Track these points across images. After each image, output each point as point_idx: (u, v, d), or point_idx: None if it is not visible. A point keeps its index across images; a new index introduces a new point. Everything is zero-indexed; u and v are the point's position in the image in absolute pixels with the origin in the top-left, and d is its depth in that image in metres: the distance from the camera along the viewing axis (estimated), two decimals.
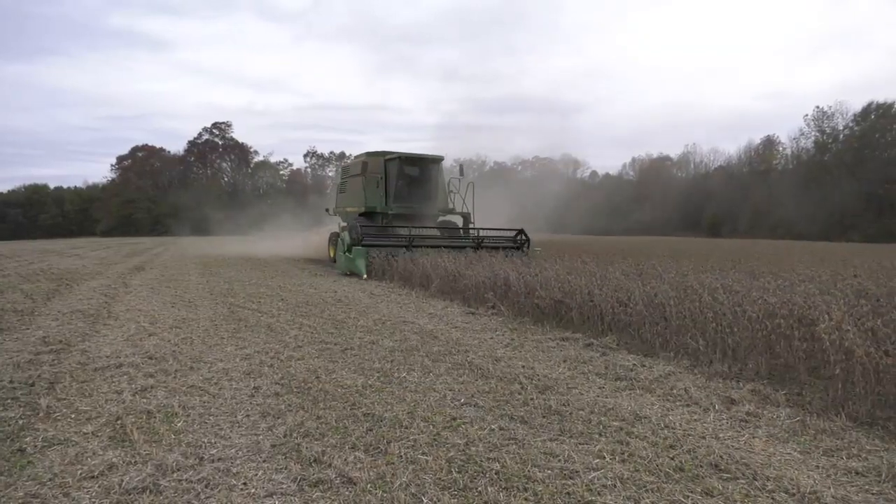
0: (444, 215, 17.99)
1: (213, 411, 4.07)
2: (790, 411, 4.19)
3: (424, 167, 17.76)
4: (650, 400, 4.48)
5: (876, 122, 56.85)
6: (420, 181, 17.63)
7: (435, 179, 17.92)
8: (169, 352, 5.78)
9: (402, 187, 17.21)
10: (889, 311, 5.30)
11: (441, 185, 18.05)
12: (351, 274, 13.86)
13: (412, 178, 17.49)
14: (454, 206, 17.93)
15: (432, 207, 17.68)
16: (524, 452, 3.39)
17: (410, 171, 17.47)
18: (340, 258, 14.70)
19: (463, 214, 17.56)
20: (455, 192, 17.81)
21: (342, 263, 14.50)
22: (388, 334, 6.86)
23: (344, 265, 14.38)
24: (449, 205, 17.99)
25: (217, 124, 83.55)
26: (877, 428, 3.89)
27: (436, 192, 17.83)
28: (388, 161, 17.52)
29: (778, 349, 5.24)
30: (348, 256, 14.04)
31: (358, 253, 13.71)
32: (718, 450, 3.44)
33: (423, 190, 17.63)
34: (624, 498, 2.86)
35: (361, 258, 13.64)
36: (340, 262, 14.70)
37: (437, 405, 4.26)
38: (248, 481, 3.01)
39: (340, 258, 14.70)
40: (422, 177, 17.69)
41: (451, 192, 17.95)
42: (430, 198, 17.74)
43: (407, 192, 17.28)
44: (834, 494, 2.91)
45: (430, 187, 17.80)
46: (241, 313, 8.23)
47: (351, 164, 20.47)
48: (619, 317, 6.95)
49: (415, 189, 17.47)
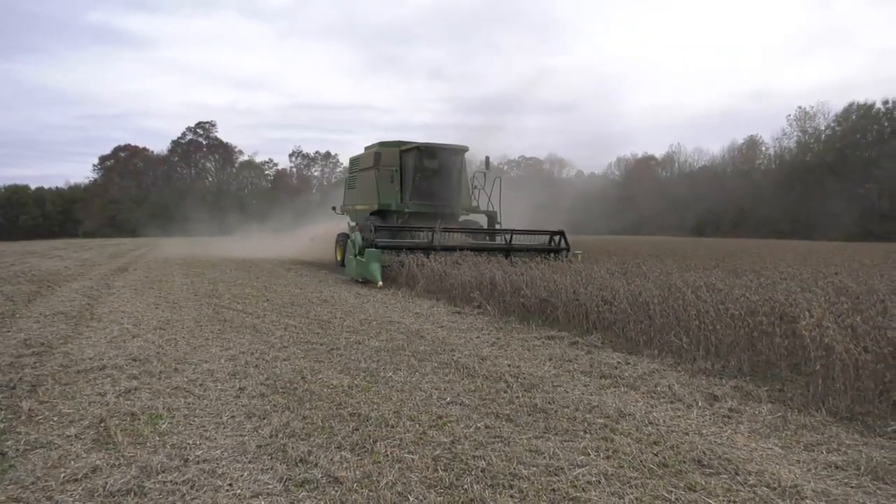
0: (467, 214, 16.06)
1: (198, 412, 4.06)
2: (772, 407, 4.25)
3: (445, 159, 15.59)
4: (634, 397, 4.52)
5: (857, 123, 57.59)
6: (440, 175, 15.53)
7: (458, 173, 15.82)
8: (153, 353, 5.74)
9: (421, 182, 15.25)
10: (868, 308, 5.38)
11: (464, 179, 16.00)
12: (364, 281, 12.34)
13: (432, 172, 15.41)
14: (478, 204, 15.91)
15: (454, 205, 15.64)
16: (510, 450, 3.41)
17: (430, 163, 15.36)
18: (351, 262, 13.05)
19: (488, 214, 15.55)
20: (479, 187, 15.79)
21: (353, 268, 12.83)
22: (374, 334, 6.85)
23: (355, 270, 12.70)
24: (472, 202, 15.99)
25: (201, 124, 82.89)
26: (856, 423, 3.95)
27: (458, 188, 15.79)
28: (404, 152, 15.65)
29: (760, 346, 5.31)
30: (360, 260, 12.42)
31: (372, 256, 12.10)
32: (701, 445, 3.48)
33: (445, 185, 15.55)
34: (608, 494, 2.89)
35: (376, 262, 12.03)
36: (351, 267, 13.04)
37: (423, 404, 4.27)
38: (233, 482, 3.01)
39: (351, 262, 13.05)
40: (442, 170, 15.56)
41: (474, 188, 15.97)
42: (451, 194, 15.65)
43: (426, 187, 15.30)
44: (814, 488, 2.96)
45: (452, 182, 15.70)
46: (225, 314, 8.18)
47: (361, 156, 17.84)
48: (603, 315, 7.00)
49: (435, 184, 15.43)
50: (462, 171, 15.97)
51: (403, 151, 15.65)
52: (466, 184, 16.05)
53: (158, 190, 76.34)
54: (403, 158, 15.61)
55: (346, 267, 13.54)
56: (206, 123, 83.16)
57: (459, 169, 15.87)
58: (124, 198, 74.92)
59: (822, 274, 9.21)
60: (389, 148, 15.97)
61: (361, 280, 12.39)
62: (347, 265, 13.44)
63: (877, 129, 56.11)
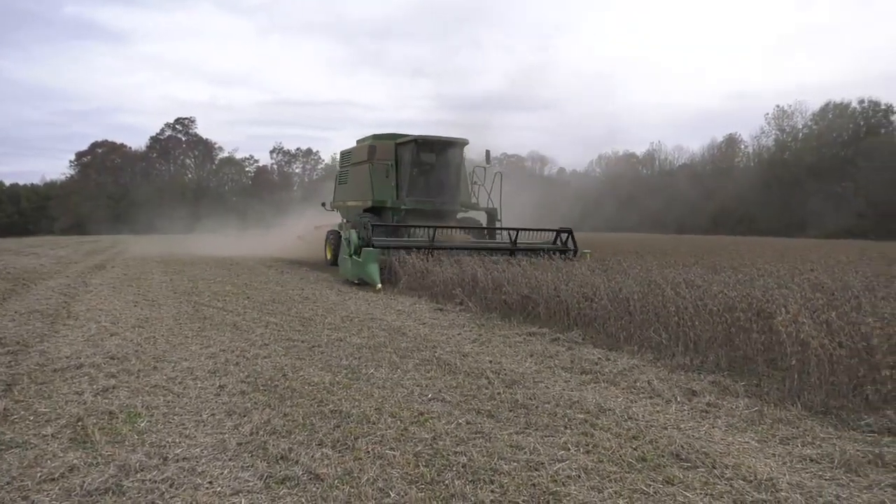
0: (466, 211, 15.40)
1: (178, 410, 4.02)
2: (748, 402, 4.31)
3: (444, 152, 14.83)
4: (614, 392, 4.57)
5: (833, 122, 58.50)
6: (439, 170, 14.83)
7: (457, 168, 15.10)
8: (131, 351, 5.68)
9: (418, 177, 14.56)
10: (843, 304, 5.49)
11: (463, 174, 15.32)
12: (361, 283, 11.50)
13: (430, 167, 14.72)
14: (477, 201, 15.25)
15: (453, 202, 15.00)
16: (491, 446, 3.43)
17: (427, 157, 14.63)
18: (345, 262, 12.20)
19: (488, 211, 14.92)
20: (479, 183, 15.11)
21: (348, 269, 11.96)
22: (356, 331, 6.84)
23: (351, 271, 11.82)
24: (471, 199, 15.32)
25: (180, 120, 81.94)
26: (830, 416, 4.03)
27: (457, 184, 15.10)
28: (400, 145, 14.93)
29: (737, 342, 5.38)
30: (356, 260, 11.55)
31: (369, 256, 11.22)
32: (679, 440, 3.52)
33: (443, 180, 14.87)
34: (588, 488, 2.92)
35: (374, 263, 11.17)
36: (346, 268, 12.15)
37: (404, 401, 4.27)
38: (213, 480, 2.99)
39: (345, 262, 12.20)
40: (441, 164, 14.85)
41: (474, 184, 15.28)
42: (450, 190, 14.98)
43: (424, 182, 14.64)
44: (789, 481, 3.01)
45: (451, 177, 14.99)
46: (205, 312, 8.12)
47: (354, 149, 16.96)
48: (584, 312, 7.05)
49: (433, 179, 14.75)
50: (461, 165, 15.25)
51: (399, 144, 14.95)
52: (465, 179, 15.36)
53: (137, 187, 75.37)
54: (399, 152, 14.90)
55: (341, 267, 12.68)
56: (186, 119, 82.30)
57: (459, 163, 15.15)
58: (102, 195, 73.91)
59: (799, 270, 9.35)
60: (384, 141, 15.20)
61: (357, 282, 11.52)
62: (342, 265, 12.59)
63: (853, 128, 57.04)
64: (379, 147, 14.75)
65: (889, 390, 4.08)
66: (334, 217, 18.34)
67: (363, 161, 15.19)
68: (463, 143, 15.07)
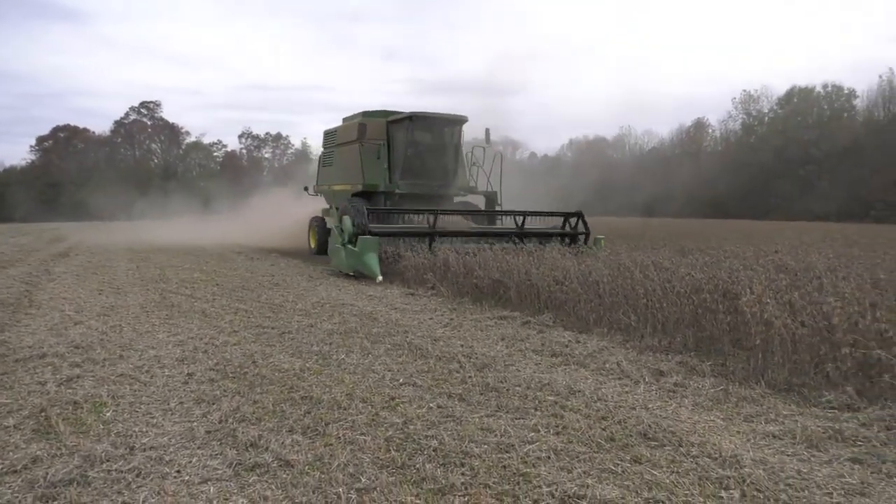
0: (464, 195, 14.26)
1: (145, 399, 3.96)
2: (714, 381, 4.40)
3: (441, 131, 13.83)
4: (584, 374, 4.62)
5: (798, 106, 59.54)
6: (435, 150, 13.80)
7: (455, 148, 14.03)
8: (96, 340, 5.56)
9: (413, 158, 13.45)
10: (805, 285, 5.61)
11: (461, 155, 14.24)
12: (357, 275, 10.29)
13: (425, 146, 13.68)
14: (476, 184, 14.20)
15: (451, 185, 13.88)
16: (462, 429, 3.44)
17: (423, 136, 13.61)
18: (338, 253, 10.86)
19: (487, 195, 13.99)
20: (478, 164, 14.09)
21: (342, 260, 10.68)
22: (327, 317, 6.80)
23: (345, 262, 10.54)
24: (469, 182, 14.22)
25: (145, 103, 79.97)
26: (793, 394, 4.13)
27: (455, 165, 14.01)
28: (392, 123, 13.78)
29: (704, 322, 5.47)
30: (351, 250, 10.32)
31: (367, 245, 10.03)
32: (647, 419, 3.58)
33: (440, 162, 13.80)
34: (557, 468, 2.95)
35: (372, 252, 10.01)
36: (339, 259, 10.86)
37: (375, 386, 4.27)
38: (181, 469, 2.95)
39: (338, 253, 10.86)
40: (437, 144, 13.83)
41: (473, 165, 14.21)
42: (448, 172, 13.86)
43: (419, 164, 13.54)
44: (753, 457, 3.08)
45: (449, 158, 13.91)
46: (173, 299, 7.99)
47: (340, 128, 15.66)
48: (555, 295, 7.10)
49: (429, 160, 13.68)
50: (459, 145, 14.18)
51: (392, 122, 13.80)
52: (463, 160, 14.26)
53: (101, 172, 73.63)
54: (392, 130, 13.77)
55: (332, 258, 11.37)
56: (151, 103, 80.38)
57: (457, 143, 14.08)
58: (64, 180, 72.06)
59: (764, 252, 9.54)
60: (375, 118, 14.01)
61: (353, 274, 10.36)
62: (333, 256, 11.26)
63: (817, 112, 58.14)
64: (369, 125, 13.54)
65: (848, 368, 4.19)
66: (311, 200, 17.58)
67: (351, 141, 14.09)
68: (462, 121, 13.99)
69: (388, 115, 14.06)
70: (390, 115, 13.96)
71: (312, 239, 15.76)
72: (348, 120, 15.35)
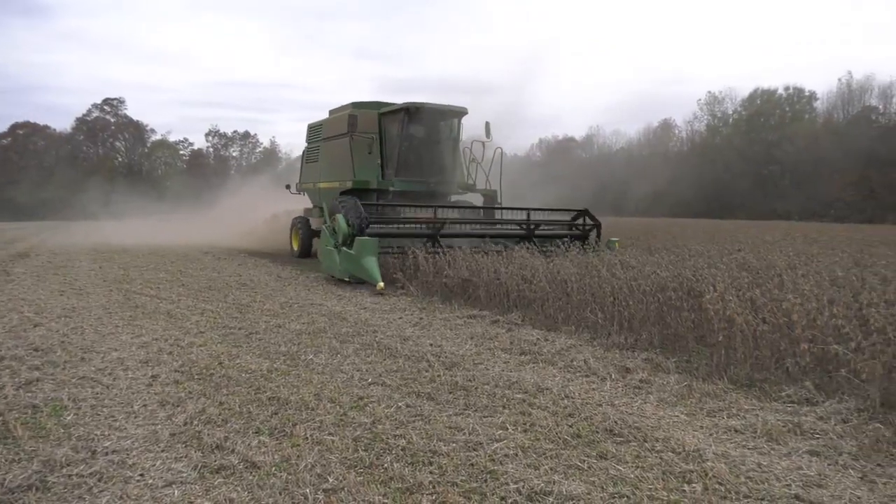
0: (463, 192, 13.24)
1: (107, 402, 3.88)
2: (679, 377, 4.48)
3: (439, 124, 12.90)
4: (552, 372, 4.67)
5: (761, 107, 60.87)
6: (432, 144, 12.85)
7: (454, 142, 13.11)
8: (57, 342, 5.43)
9: (408, 153, 12.47)
10: (766, 282, 5.75)
11: (459, 150, 13.26)
12: (355, 281, 9.25)
13: (421, 140, 12.71)
14: (474, 182, 13.17)
15: (450, 182, 12.88)
16: (430, 428, 3.45)
17: (419, 129, 12.60)
18: (330, 256, 9.87)
19: (486, 193, 13.04)
20: (477, 160, 13.11)
21: (335, 264, 9.69)
22: (296, 317, 6.75)
23: (339, 267, 9.52)
24: (467, 179, 13.20)
25: (108, 100, 78.17)
26: (754, 389, 4.23)
27: (453, 161, 13.03)
28: (385, 115, 12.76)
29: (669, 320, 5.57)
30: (347, 253, 9.29)
31: (365, 247, 8.95)
32: (613, 416, 3.63)
33: (438, 157, 12.84)
34: (525, 465, 2.98)
35: (371, 256, 8.89)
36: (331, 263, 9.89)
37: (344, 386, 4.25)
38: (144, 472, 2.91)
39: (330, 256, 9.87)
40: (434, 138, 12.88)
41: (472, 161, 13.18)
42: (446, 168, 12.88)
43: (414, 159, 12.58)
44: (715, 451, 3.15)
45: (447, 153, 12.96)
46: (137, 300, 7.84)
47: (327, 121, 14.74)
48: (524, 294, 7.15)
49: (426, 155, 12.72)
50: (458, 139, 13.20)
51: (385, 114, 12.80)
52: (460, 156, 13.29)
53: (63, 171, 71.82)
54: (385, 123, 12.77)
55: (324, 262, 10.37)
56: (115, 100, 78.62)
57: (455, 137, 13.13)
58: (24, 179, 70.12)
59: (727, 250, 9.73)
60: (366, 110, 13.02)
61: (349, 280, 9.37)
62: (324, 260, 10.28)
63: (779, 114, 59.51)
64: (361, 117, 12.44)
65: (807, 363, 4.31)
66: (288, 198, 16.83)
67: (340, 135, 13.07)
68: (461, 113, 12.93)
69: (381, 106, 13.15)
70: (383, 107, 13.05)
71: (295, 241, 14.69)
72: (336, 112, 14.41)
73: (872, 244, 13.05)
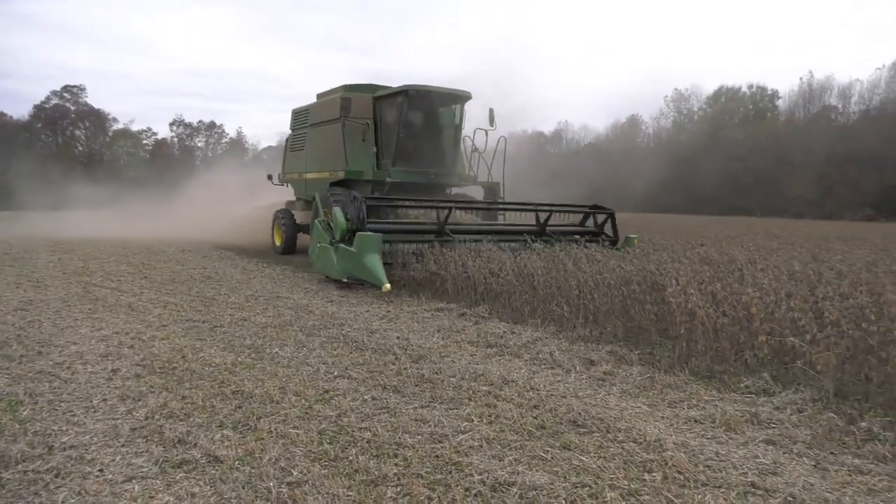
0: (463, 185, 12.37)
1: (65, 397, 3.80)
2: (642, 369, 4.56)
3: (439, 109, 11.88)
4: (518, 364, 4.71)
5: (725, 105, 62.06)
6: (431, 132, 11.82)
7: (455, 130, 12.09)
8: (12, 336, 5.29)
9: (406, 141, 11.47)
10: (727, 276, 5.86)
11: (461, 139, 12.28)
12: (355, 282, 8.17)
13: (421, 127, 11.69)
14: (475, 173, 12.32)
15: (450, 173, 12.00)
16: (395, 420, 3.45)
17: (418, 115, 11.56)
18: (325, 254, 8.69)
19: (487, 186, 12.26)
20: (479, 151, 12.23)
21: (331, 263, 8.49)
22: (261, 310, 6.68)
23: (337, 266, 8.31)
24: (468, 170, 12.32)
25: (68, 87, 75.92)
26: (714, 380, 4.33)
27: (454, 150, 12.09)
28: (381, 99, 11.76)
29: (633, 313, 5.66)
30: (345, 250, 8.10)
31: (367, 244, 7.70)
32: (577, 407, 3.68)
33: (437, 146, 11.87)
34: (489, 457, 3.00)
35: (374, 253, 7.69)
36: (326, 262, 8.70)
37: (309, 379, 4.23)
38: (104, 467, 2.85)
39: (325, 254, 8.69)
40: (434, 125, 11.86)
41: (474, 151, 12.29)
42: (447, 158, 11.97)
43: (413, 148, 11.58)
44: (675, 441, 3.22)
45: (448, 142, 12.00)
46: (97, 292, 7.67)
47: (314, 105, 13.48)
48: (491, 287, 7.19)
49: (425, 144, 11.71)
50: (460, 126, 12.18)
51: (381, 98, 11.77)
52: (461, 145, 12.36)
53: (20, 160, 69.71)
54: (381, 108, 11.77)
55: (317, 261, 9.22)
56: (75, 87, 76.40)
57: (458, 124, 12.11)
58: None
59: (691, 245, 9.89)
60: (359, 93, 11.88)
61: (347, 280, 8.20)
62: (317, 258, 9.14)
63: (742, 112, 60.76)
64: (354, 101, 11.25)
65: (765, 355, 4.42)
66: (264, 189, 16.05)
67: (331, 120, 11.91)
68: (465, 97, 11.89)
69: (376, 89, 12.11)
70: (378, 90, 12.00)
71: (278, 236, 13.50)
72: (325, 95, 13.24)
73: (829, 240, 13.42)
